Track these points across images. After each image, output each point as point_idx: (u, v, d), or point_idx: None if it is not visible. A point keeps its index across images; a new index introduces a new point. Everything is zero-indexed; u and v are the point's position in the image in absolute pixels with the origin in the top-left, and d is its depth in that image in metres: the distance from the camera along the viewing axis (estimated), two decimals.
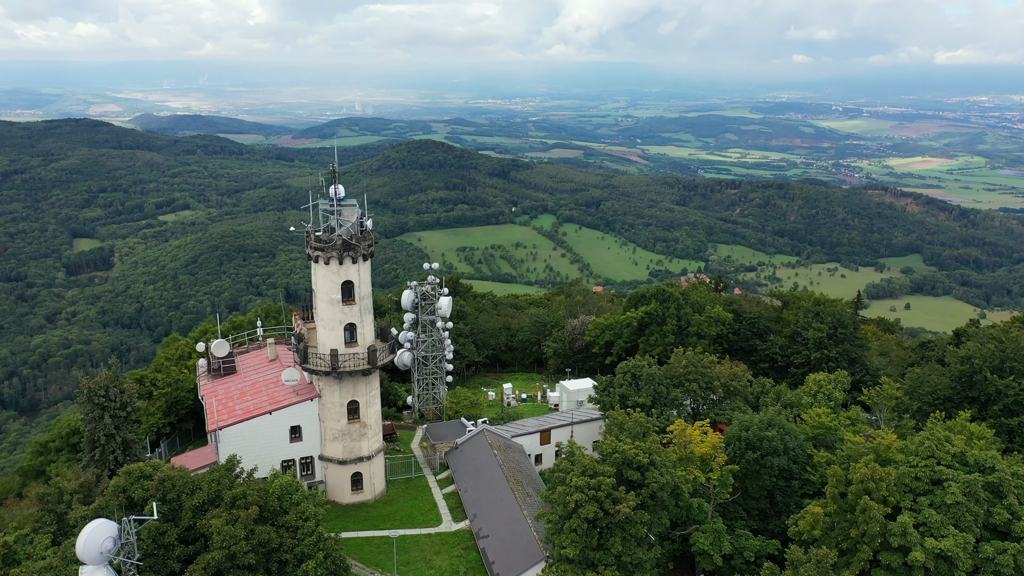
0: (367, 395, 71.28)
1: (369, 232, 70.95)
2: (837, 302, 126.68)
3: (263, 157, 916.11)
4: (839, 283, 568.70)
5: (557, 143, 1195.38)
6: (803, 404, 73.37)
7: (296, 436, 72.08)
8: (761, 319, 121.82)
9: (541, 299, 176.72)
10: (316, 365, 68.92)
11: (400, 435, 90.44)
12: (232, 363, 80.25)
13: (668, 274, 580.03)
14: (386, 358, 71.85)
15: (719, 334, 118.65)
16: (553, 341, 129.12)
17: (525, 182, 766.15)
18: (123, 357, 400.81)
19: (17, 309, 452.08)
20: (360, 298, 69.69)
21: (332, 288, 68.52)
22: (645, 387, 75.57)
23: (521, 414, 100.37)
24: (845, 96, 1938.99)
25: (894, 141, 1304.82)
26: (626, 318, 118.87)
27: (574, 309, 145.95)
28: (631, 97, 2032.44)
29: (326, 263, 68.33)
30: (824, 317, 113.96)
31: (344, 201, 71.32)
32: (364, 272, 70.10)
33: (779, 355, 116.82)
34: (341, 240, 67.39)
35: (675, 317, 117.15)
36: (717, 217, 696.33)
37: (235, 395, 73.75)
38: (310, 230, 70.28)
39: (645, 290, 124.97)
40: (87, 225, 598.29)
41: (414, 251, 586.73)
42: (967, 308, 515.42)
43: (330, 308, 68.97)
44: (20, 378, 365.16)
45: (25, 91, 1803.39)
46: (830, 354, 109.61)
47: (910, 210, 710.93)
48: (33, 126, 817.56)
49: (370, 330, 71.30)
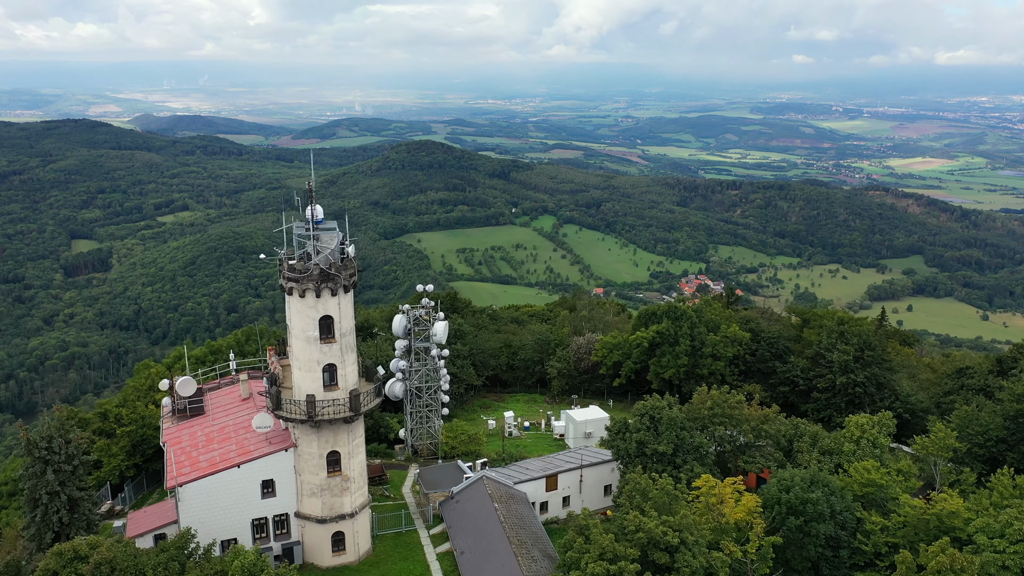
0: (350, 444, 62.47)
1: (352, 260, 62.14)
2: (862, 320, 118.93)
3: (262, 158, 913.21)
4: (841, 284, 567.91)
5: (557, 143, 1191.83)
6: (845, 452, 64.49)
7: (269, 491, 62.87)
8: (780, 339, 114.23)
9: (543, 310, 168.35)
10: (290, 412, 60.22)
11: (391, 477, 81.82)
12: (200, 403, 70.80)
13: (669, 275, 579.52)
14: (371, 403, 62.88)
15: (735, 355, 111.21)
16: (557, 361, 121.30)
17: (525, 183, 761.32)
18: (121, 359, 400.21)
19: (14, 311, 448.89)
20: (341, 335, 61.07)
21: (309, 324, 60.03)
22: (666, 432, 66.84)
23: (524, 446, 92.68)
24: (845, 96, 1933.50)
25: (894, 142, 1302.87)
26: (636, 338, 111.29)
27: (579, 325, 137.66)
28: (631, 97, 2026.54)
29: (301, 296, 59.74)
30: (849, 338, 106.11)
31: (323, 224, 62.96)
32: (346, 305, 61.63)
33: (800, 378, 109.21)
34: (319, 269, 58.87)
35: (688, 337, 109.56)
36: (718, 218, 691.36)
37: (201, 442, 64.89)
38: (283, 258, 61.97)
39: (656, 308, 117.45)
40: (85, 226, 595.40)
41: (414, 252, 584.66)
42: (970, 310, 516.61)
43: (306, 347, 60.33)
44: (17, 381, 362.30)
45: (25, 91, 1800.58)
46: (857, 379, 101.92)
47: (911, 211, 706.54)
48: (32, 126, 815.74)
49: (353, 370, 62.87)
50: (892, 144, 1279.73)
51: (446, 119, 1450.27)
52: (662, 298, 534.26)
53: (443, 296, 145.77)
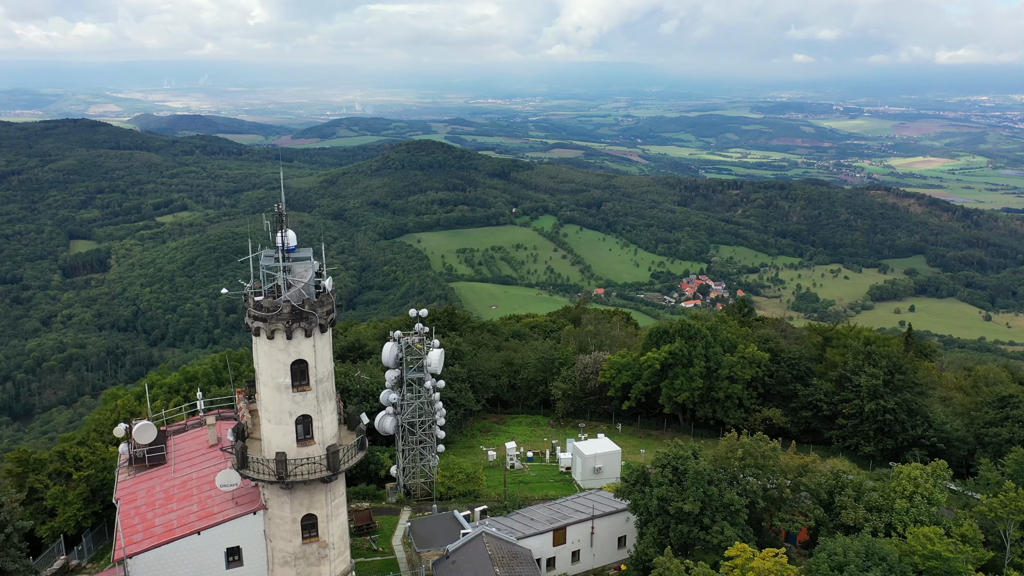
0: (328, 507, 53.83)
1: (329, 294, 53.81)
2: (889, 339, 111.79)
3: (262, 157, 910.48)
4: (842, 284, 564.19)
5: (557, 143, 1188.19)
6: (897, 511, 56.22)
7: (235, 560, 53.76)
8: (802, 360, 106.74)
9: (545, 322, 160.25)
10: (258, 472, 51.63)
11: (380, 525, 73.36)
12: (161, 450, 61.79)
13: (670, 275, 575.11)
14: (353, 459, 54.19)
15: (754, 377, 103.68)
16: (562, 381, 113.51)
17: (526, 183, 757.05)
18: (119, 361, 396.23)
19: (12, 312, 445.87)
20: (318, 381, 52.48)
21: (279, 370, 51.54)
22: (691, 488, 58.60)
23: (527, 481, 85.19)
24: (846, 96, 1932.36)
25: (895, 141, 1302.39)
26: (647, 359, 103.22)
27: (584, 341, 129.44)
28: (631, 97, 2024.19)
29: (270, 337, 51.12)
30: (877, 360, 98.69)
31: (295, 252, 54.65)
32: (323, 347, 53.06)
33: (824, 402, 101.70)
34: (290, 307, 50.56)
35: (703, 358, 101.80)
36: (719, 218, 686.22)
37: (158, 500, 56.52)
38: (249, 292, 53.50)
39: (668, 325, 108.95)
40: (84, 226, 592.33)
41: (414, 252, 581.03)
42: (972, 310, 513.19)
43: (276, 396, 51.70)
44: (14, 382, 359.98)
45: (25, 91, 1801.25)
46: (887, 405, 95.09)
47: (913, 211, 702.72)
48: (31, 126, 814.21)
49: (332, 421, 54.25)
50: (893, 143, 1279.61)
51: (446, 118, 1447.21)
52: (663, 298, 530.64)
53: (440, 312, 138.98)
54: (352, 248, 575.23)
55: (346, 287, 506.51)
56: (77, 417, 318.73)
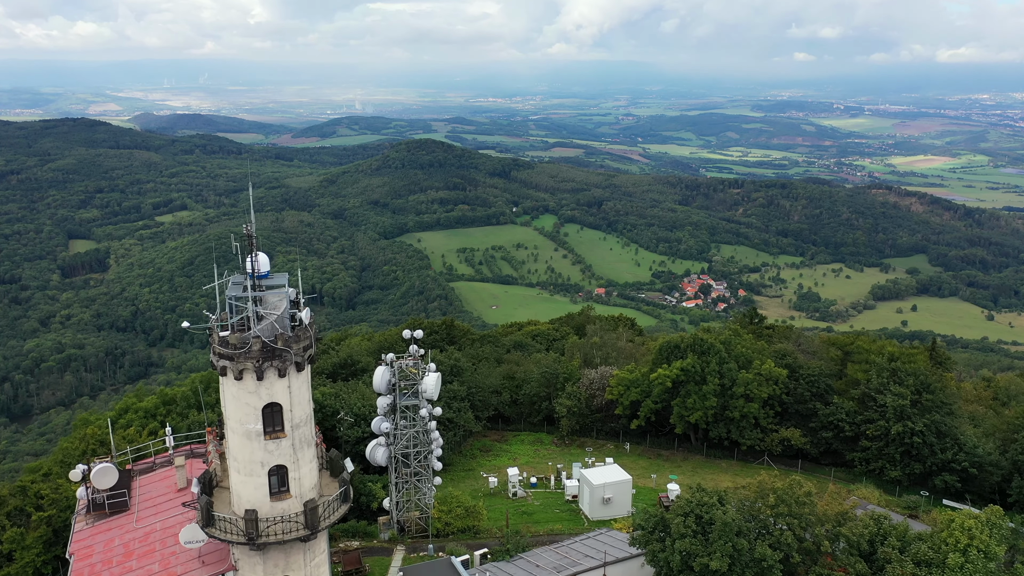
0: (307, 567, 46.69)
1: (307, 327, 46.78)
2: (914, 354, 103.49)
3: (262, 157, 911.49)
4: (844, 284, 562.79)
5: (558, 142, 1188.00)
6: (950, 567, 49.63)
7: None
8: (821, 376, 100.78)
9: (548, 330, 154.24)
10: (226, 532, 44.63)
11: (370, 568, 66.41)
12: (124, 496, 54.19)
13: (671, 275, 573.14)
14: (336, 513, 47.01)
15: (771, 395, 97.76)
16: (567, 398, 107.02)
17: (526, 182, 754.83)
18: (118, 361, 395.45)
19: (11, 312, 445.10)
20: (294, 427, 45.89)
21: (248, 415, 44.91)
22: (718, 541, 51.90)
23: (530, 513, 79.63)
24: (847, 94, 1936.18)
25: (896, 139, 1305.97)
26: (658, 376, 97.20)
27: (589, 353, 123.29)
28: (632, 95, 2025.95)
29: (238, 378, 44.26)
30: (903, 378, 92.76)
31: (268, 278, 47.23)
32: (299, 388, 46.32)
33: (846, 422, 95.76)
34: (260, 343, 43.66)
35: (717, 375, 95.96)
36: (720, 217, 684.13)
37: (116, 555, 49.41)
38: (213, 326, 46.33)
39: (679, 339, 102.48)
40: (83, 226, 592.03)
41: (414, 252, 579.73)
42: (975, 309, 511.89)
43: (246, 445, 44.99)
44: (12, 383, 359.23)
45: (25, 90, 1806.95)
46: (914, 427, 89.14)
47: (914, 209, 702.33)
48: (30, 125, 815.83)
49: (310, 471, 47.54)
50: (894, 142, 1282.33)
51: (447, 117, 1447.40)
52: (664, 298, 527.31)
53: (438, 325, 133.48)
54: (352, 248, 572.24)
55: (346, 287, 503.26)
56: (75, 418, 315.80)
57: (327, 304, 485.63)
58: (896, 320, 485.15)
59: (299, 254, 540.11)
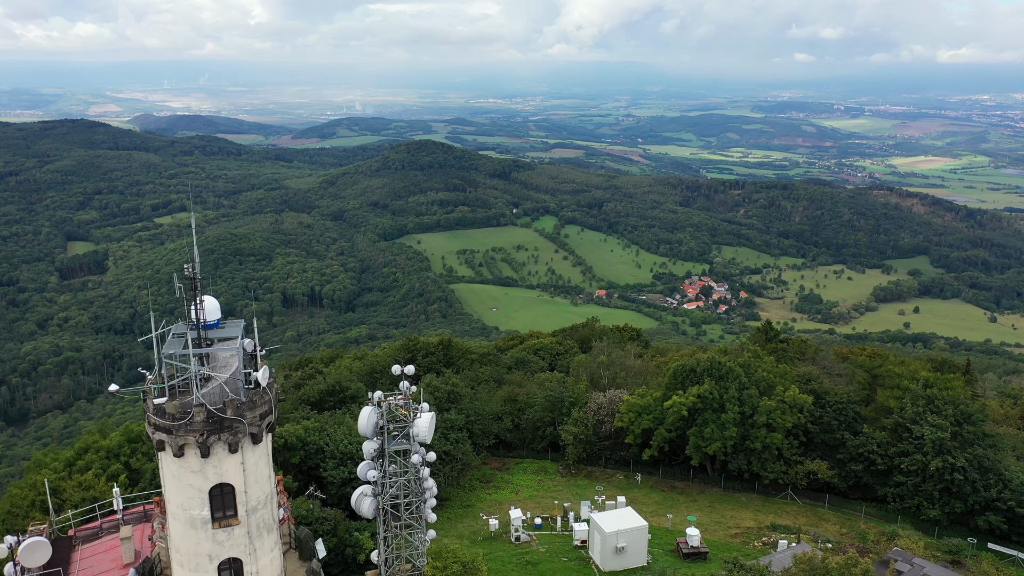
0: None
1: (266, 389, 39.62)
2: (950, 379, 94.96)
3: (261, 158, 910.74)
4: (846, 285, 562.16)
5: (558, 143, 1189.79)
6: None
7: None
8: (850, 404, 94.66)
9: (551, 344, 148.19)
10: None
11: None
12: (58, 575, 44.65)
13: (672, 277, 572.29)
14: None
15: (795, 424, 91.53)
16: (573, 424, 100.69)
17: (526, 183, 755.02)
18: (116, 364, 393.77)
19: (8, 315, 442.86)
20: (250, 511, 38.80)
21: (192, 499, 37.79)
22: None
23: (536, 561, 75.04)
24: (847, 95, 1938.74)
25: (896, 140, 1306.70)
26: (672, 404, 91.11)
27: (596, 373, 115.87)
28: (632, 96, 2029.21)
29: (178, 455, 37.09)
30: (941, 407, 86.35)
31: (219, 329, 39.79)
32: (256, 464, 39.23)
33: (878, 455, 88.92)
34: (205, 413, 36.53)
35: (736, 402, 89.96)
36: (721, 218, 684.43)
37: None
38: (149, 388, 38.49)
39: (695, 363, 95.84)
40: (81, 228, 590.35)
41: (414, 254, 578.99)
42: (977, 311, 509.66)
43: (190, 535, 37.92)
44: (9, 387, 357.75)
45: (25, 91, 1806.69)
46: (955, 462, 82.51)
47: (916, 210, 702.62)
48: (29, 127, 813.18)
49: (272, 561, 40.56)
50: (894, 143, 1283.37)
51: (447, 118, 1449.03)
52: (665, 300, 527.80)
53: (435, 346, 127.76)
54: (351, 249, 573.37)
55: (345, 289, 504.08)
56: (72, 422, 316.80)
57: (326, 306, 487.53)
58: (898, 322, 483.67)
59: (297, 256, 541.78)
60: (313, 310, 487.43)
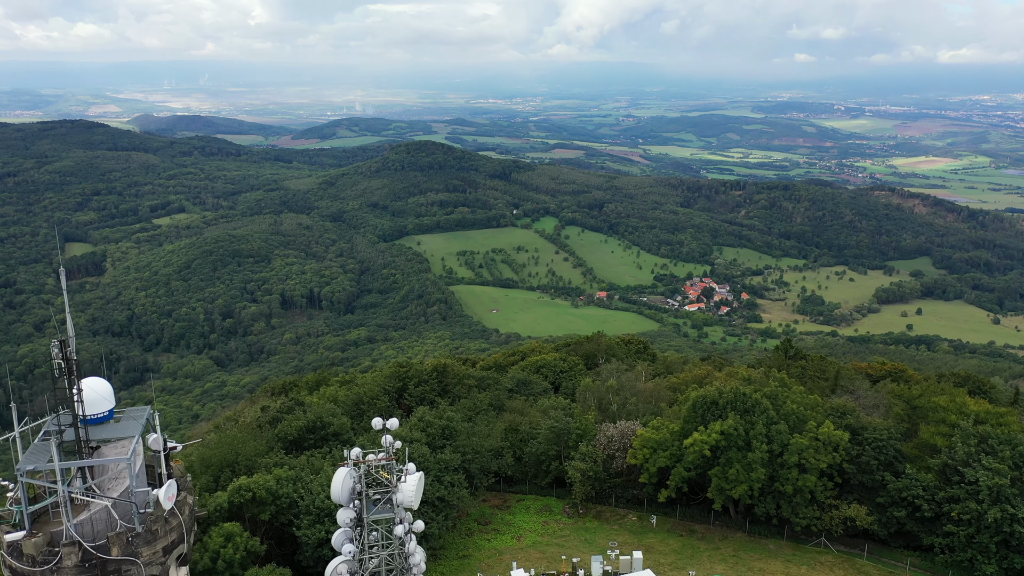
0: None
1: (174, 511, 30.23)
2: (1003, 412, 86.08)
3: (261, 158, 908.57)
4: (848, 287, 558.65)
5: (558, 143, 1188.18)
6: None
7: None
8: (890, 440, 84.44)
9: (555, 361, 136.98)
10: None
11: None
12: None
13: (673, 278, 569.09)
14: None
15: (830, 464, 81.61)
16: (581, 460, 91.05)
17: (526, 184, 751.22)
18: (113, 367, 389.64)
19: (5, 317, 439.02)
20: None
21: None
22: None
23: None
24: (848, 95, 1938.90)
25: (897, 141, 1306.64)
26: (693, 442, 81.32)
27: (605, 399, 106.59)
28: (632, 97, 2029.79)
29: None
30: (997, 448, 76.84)
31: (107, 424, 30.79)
32: None
33: (924, 499, 78.69)
34: (79, 552, 26.78)
35: (764, 439, 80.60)
36: (722, 219, 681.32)
37: None
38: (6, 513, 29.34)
39: (717, 395, 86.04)
40: (80, 229, 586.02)
41: (413, 255, 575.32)
42: (980, 313, 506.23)
43: None
44: (5, 390, 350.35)
45: (25, 92, 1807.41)
46: (1017, 513, 72.87)
47: (918, 211, 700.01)
48: (28, 127, 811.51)
49: None
50: (895, 143, 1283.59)
51: (447, 119, 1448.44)
52: (667, 301, 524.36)
53: (428, 373, 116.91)
54: (351, 251, 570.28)
55: (345, 290, 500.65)
56: None
57: (325, 308, 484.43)
58: (901, 324, 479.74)
59: (296, 257, 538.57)
60: (312, 312, 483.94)
